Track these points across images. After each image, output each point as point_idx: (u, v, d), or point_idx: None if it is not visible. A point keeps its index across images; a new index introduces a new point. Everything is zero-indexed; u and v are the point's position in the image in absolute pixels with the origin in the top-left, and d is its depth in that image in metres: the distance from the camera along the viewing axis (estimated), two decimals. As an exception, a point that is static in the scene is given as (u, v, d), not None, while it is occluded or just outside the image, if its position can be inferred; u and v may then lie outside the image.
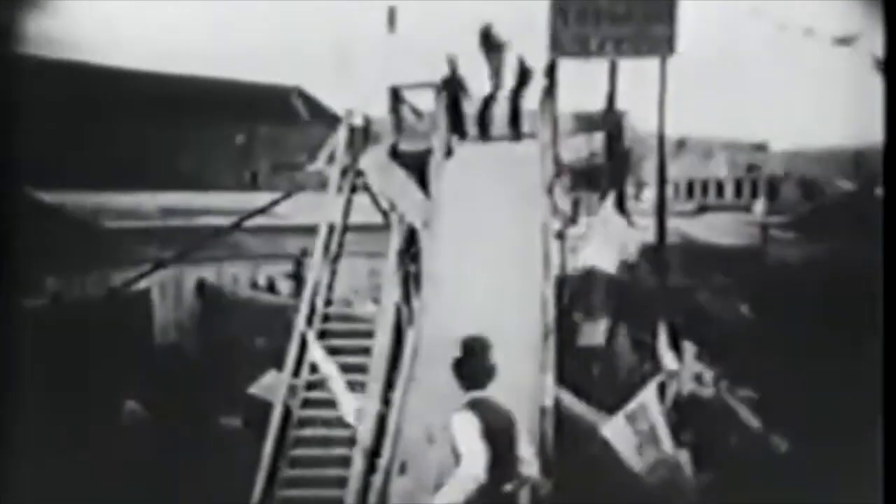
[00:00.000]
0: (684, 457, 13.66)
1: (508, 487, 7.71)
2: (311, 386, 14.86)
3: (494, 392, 7.99)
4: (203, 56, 34.74)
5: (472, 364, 7.83)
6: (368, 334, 15.30)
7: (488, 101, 18.01)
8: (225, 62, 35.01)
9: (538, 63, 17.95)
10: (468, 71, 18.12)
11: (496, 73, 17.98)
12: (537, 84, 17.91)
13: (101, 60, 30.92)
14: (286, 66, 36.82)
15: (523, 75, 17.89)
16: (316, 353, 14.84)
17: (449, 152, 17.30)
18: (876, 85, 11.91)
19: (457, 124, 18.07)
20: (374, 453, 13.60)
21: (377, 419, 13.93)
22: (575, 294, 17.69)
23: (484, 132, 18.01)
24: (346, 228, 16.86)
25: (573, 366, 16.24)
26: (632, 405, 13.53)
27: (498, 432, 7.65)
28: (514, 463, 7.82)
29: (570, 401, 14.10)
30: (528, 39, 17.92)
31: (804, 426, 15.21)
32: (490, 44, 17.86)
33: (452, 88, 18.05)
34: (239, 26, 36.26)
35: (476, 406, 7.66)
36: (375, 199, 17.86)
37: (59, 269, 20.32)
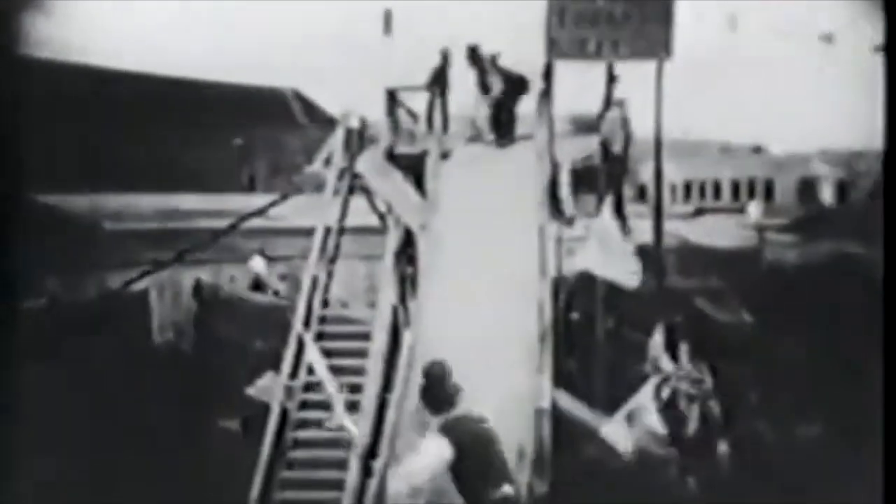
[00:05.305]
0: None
1: (507, 490, 7.75)
2: (308, 388, 14.85)
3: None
4: (201, 59, 34.70)
5: (436, 390, 7.93)
6: (365, 336, 15.30)
7: (499, 105, 17.96)
8: (223, 65, 35.00)
9: (535, 65, 17.96)
10: (466, 70, 18.21)
11: (484, 86, 18.04)
12: (534, 86, 17.93)
13: (100, 63, 30.91)
14: (283, 69, 36.82)
15: (521, 85, 17.91)
16: (312, 355, 14.85)
17: (445, 154, 17.32)
18: (877, 87, 11.92)
19: (444, 119, 18.21)
20: (370, 455, 13.61)
21: (374, 421, 13.95)
22: (571, 296, 17.69)
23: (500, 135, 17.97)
24: (342, 230, 16.86)
25: (571, 367, 16.29)
26: (629, 406, 13.55)
27: (477, 445, 7.75)
28: (505, 466, 7.90)
29: (567, 402, 14.11)
30: (526, 41, 17.93)
31: (804, 427, 15.24)
32: (477, 61, 17.99)
33: (443, 82, 18.16)
34: (237, 29, 36.23)
35: (450, 429, 7.73)
36: (372, 202, 17.87)
37: (57, 270, 20.29)
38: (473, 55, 18.11)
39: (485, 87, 18.07)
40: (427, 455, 7.72)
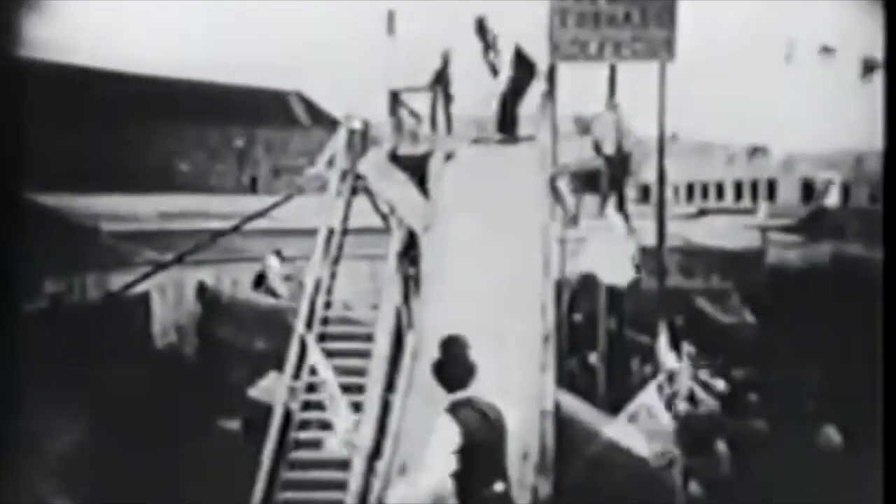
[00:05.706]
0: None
1: (499, 487, 7.61)
2: (311, 388, 14.83)
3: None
4: (203, 60, 34.76)
5: (452, 365, 7.72)
6: (368, 337, 15.30)
7: (505, 101, 17.96)
8: (225, 66, 35.04)
9: (538, 66, 17.96)
10: (469, 71, 18.19)
11: (492, 65, 18.05)
12: (537, 87, 17.91)
13: (101, 64, 30.94)
14: (286, 70, 36.86)
15: (529, 70, 17.88)
16: (315, 356, 14.82)
17: (449, 155, 17.30)
18: (876, 88, 11.91)
19: (448, 120, 18.20)
20: (374, 456, 13.61)
21: (377, 422, 13.95)
22: (575, 297, 17.70)
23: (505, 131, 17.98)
24: (345, 232, 16.85)
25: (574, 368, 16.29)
26: (633, 406, 13.54)
27: (483, 433, 7.55)
28: (504, 462, 7.73)
29: (571, 403, 14.10)
30: (528, 43, 17.91)
31: (805, 427, 15.24)
32: (485, 34, 17.96)
33: (445, 83, 18.16)
34: (239, 31, 36.26)
35: (459, 408, 7.54)
36: (375, 203, 17.85)
37: (58, 272, 20.30)
38: (481, 27, 18.08)
39: (491, 64, 18.07)
40: (440, 438, 7.47)
